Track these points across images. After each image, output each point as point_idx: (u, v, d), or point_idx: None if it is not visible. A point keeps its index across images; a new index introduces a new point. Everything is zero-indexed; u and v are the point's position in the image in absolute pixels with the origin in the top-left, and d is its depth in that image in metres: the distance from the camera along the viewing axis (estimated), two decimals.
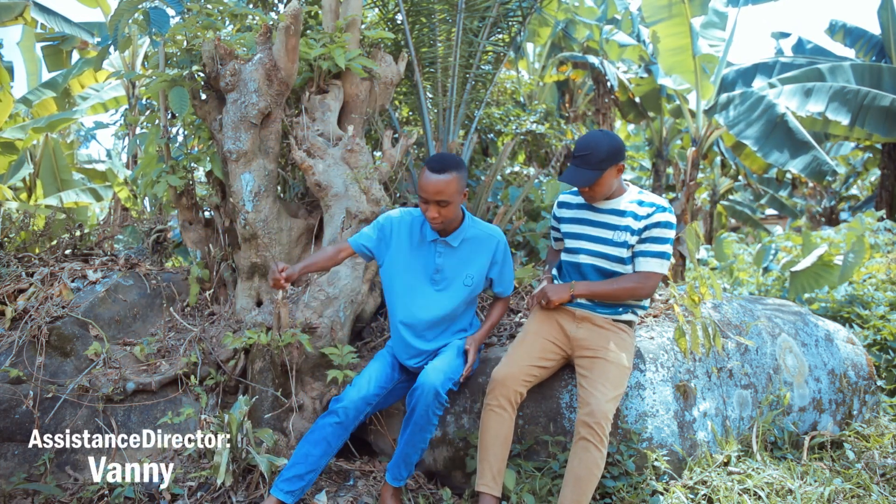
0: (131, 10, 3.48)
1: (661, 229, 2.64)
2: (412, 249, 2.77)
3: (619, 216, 2.71)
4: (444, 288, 2.77)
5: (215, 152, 3.56)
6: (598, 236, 2.74)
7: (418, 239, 2.78)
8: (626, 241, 2.67)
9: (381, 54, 3.82)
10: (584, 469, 2.40)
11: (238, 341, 3.10)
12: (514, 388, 2.63)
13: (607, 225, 2.72)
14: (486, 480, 2.57)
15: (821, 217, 20.33)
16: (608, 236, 2.71)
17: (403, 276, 2.77)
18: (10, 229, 4.37)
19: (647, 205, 2.68)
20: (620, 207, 2.71)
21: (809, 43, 11.50)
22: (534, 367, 2.70)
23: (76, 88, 9.21)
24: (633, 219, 2.67)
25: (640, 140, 16.15)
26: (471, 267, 2.76)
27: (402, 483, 2.67)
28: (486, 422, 2.62)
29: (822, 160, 7.74)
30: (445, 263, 2.75)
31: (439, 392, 2.56)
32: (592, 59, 10.51)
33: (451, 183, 2.56)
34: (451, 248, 2.75)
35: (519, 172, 7.41)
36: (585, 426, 2.43)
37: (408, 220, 2.80)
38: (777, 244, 7.37)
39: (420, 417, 2.57)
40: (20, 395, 2.91)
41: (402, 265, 2.77)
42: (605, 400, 2.46)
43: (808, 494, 2.67)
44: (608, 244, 2.72)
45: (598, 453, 2.41)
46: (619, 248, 2.69)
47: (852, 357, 3.62)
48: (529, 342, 2.76)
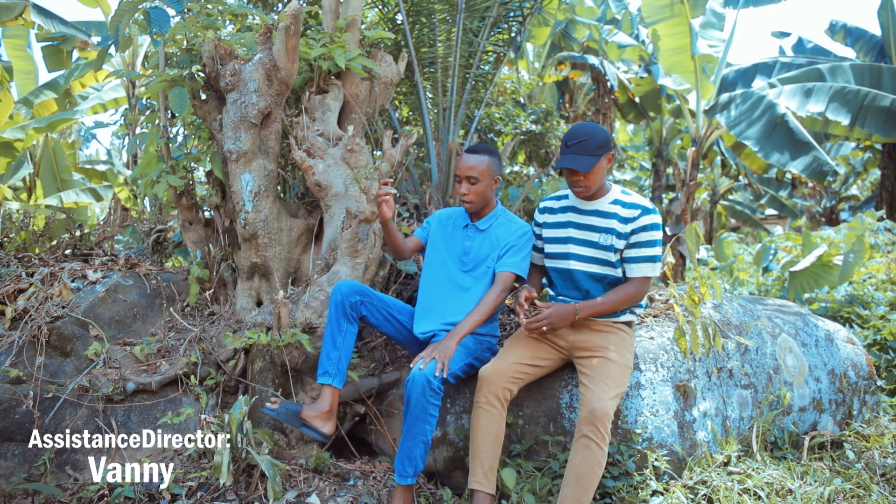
0: (132, 10, 3.48)
1: (649, 233, 2.65)
2: (446, 233, 3.07)
3: (603, 217, 2.71)
4: (470, 269, 2.96)
5: (215, 152, 3.56)
6: (585, 240, 2.74)
7: (453, 226, 3.08)
8: (613, 244, 2.68)
9: (381, 54, 3.82)
10: (585, 467, 2.40)
11: (238, 341, 3.10)
12: (502, 384, 2.62)
13: (592, 227, 2.73)
14: (478, 478, 2.57)
15: (821, 217, 20.33)
16: (595, 239, 2.72)
17: (435, 254, 3.06)
18: (10, 229, 4.37)
19: (630, 206, 2.68)
20: (604, 209, 2.72)
21: (809, 43, 11.50)
22: (524, 366, 2.69)
23: (76, 88, 9.21)
24: (617, 221, 2.68)
25: (640, 140, 16.15)
26: (495, 251, 2.93)
27: (408, 480, 2.63)
28: (476, 419, 2.62)
29: (823, 160, 7.75)
30: (472, 246, 2.97)
31: (430, 379, 2.57)
32: (592, 59, 10.52)
33: (482, 162, 2.87)
34: (480, 231, 2.98)
35: (519, 172, 7.42)
36: (587, 424, 2.42)
37: (448, 212, 3.15)
38: (777, 244, 7.37)
39: (415, 406, 2.58)
40: (20, 395, 2.91)
41: (436, 246, 3.07)
42: (607, 398, 2.46)
43: (808, 494, 2.67)
44: (596, 247, 2.72)
45: (599, 451, 2.40)
46: (606, 252, 2.70)
47: (852, 357, 3.62)
48: (523, 341, 2.77)
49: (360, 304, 2.88)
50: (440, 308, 2.93)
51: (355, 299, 2.86)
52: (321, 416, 2.76)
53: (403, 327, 3.00)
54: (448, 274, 2.98)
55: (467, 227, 3.01)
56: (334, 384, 2.79)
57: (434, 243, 3.08)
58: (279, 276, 3.47)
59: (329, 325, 2.85)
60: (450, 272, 2.98)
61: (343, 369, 2.81)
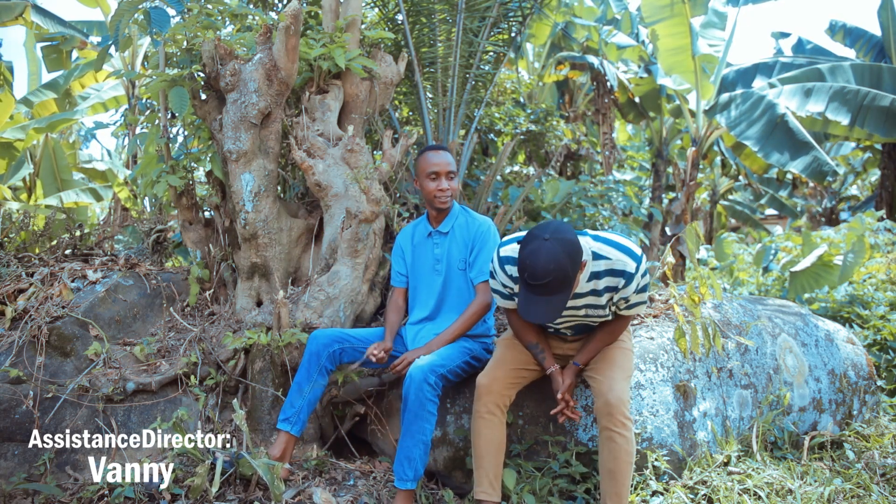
0: (132, 10, 3.48)
1: (639, 294, 2.44)
2: (417, 249, 3.10)
3: (593, 296, 2.45)
4: (445, 275, 3.00)
5: (215, 152, 3.56)
6: (569, 325, 2.64)
7: (418, 240, 3.10)
8: (608, 311, 2.51)
9: (381, 54, 3.82)
10: (613, 460, 2.38)
11: (238, 341, 3.10)
12: (502, 392, 2.60)
13: (578, 308, 2.50)
14: (483, 487, 2.55)
15: (821, 217, 20.32)
16: (578, 320, 2.57)
17: (414, 274, 3.10)
18: (10, 229, 4.37)
19: (612, 273, 2.37)
20: (582, 291, 2.42)
21: (809, 43, 11.50)
22: (521, 371, 2.67)
23: (76, 88, 9.21)
24: (608, 292, 2.42)
25: (640, 140, 16.14)
26: (463, 251, 2.98)
27: (408, 485, 2.60)
28: (478, 429, 2.59)
29: (823, 160, 7.75)
30: (442, 252, 3.01)
31: (427, 376, 2.58)
32: (592, 59, 10.51)
33: (451, 158, 2.98)
34: (444, 235, 3.01)
35: (519, 172, 7.42)
36: (604, 417, 2.40)
37: (407, 231, 3.16)
38: (777, 244, 7.36)
39: (413, 404, 2.58)
40: (20, 395, 2.91)
41: (412, 266, 3.11)
42: (618, 385, 2.44)
43: (808, 494, 2.67)
44: (582, 327, 2.65)
45: (623, 440, 2.37)
46: (595, 320, 2.57)
47: (852, 357, 3.62)
48: (517, 346, 2.73)
49: (341, 353, 2.88)
50: (429, 323, 3.01)
51: (334, 348, 2.86)
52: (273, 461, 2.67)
53: (390, 355, 2.97)
54: (429, 287, 3.03)
55: (431, 234, 3.04)
56: (292, 432, 2.80)
57: (410, 262, 3.11)
58: (279, 276, 3.47)
59: (300, 371, 2.85)
60: (428, 283, 3.03)
61: (303, 419, 2.82)
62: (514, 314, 2.62)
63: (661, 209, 11.06)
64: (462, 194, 4.66)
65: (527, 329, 2.64)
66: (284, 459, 2.77)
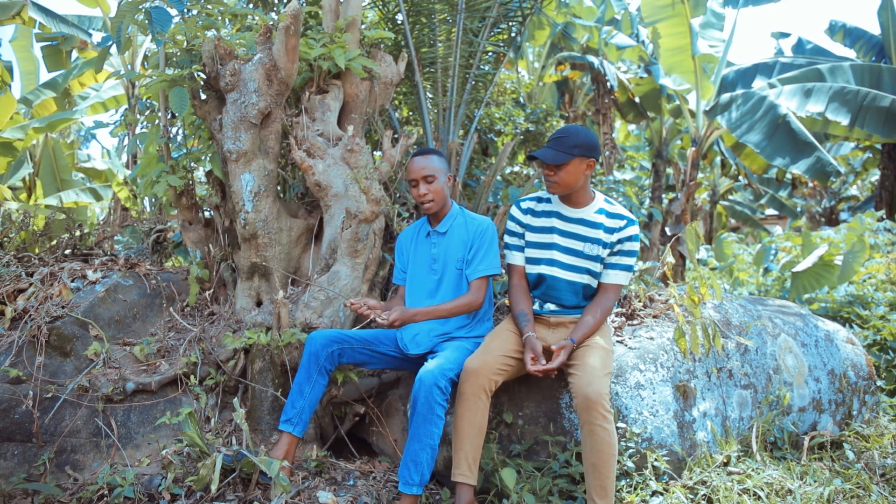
0: (133, 11, 3.48)
1: (632, 243, 2.75)
2: (415, 248, 3.11)
3: (589, 227, 2.77)
4: (441, 275, 2.99)
5: (215, 152, 3.56)
6: (570, 248, 2.78)
7: (418, 239, 3.11)
8: (599, 254, 2.75)
9: (381, 54, 3.82)
10: (596, 453, 2.40)
11: (238, 341, 3.10)
12: (490, 376, 2.63)
13: (577, 236, 2.77)
14: (462, 470, 2.57)
15: (821, 217, 20.33)
16: (579, 248, 2.77)
17: (411, 271, 3.10)
18: (10, 229, 4.37)
19: (616, 216, 2.76)
20: (590, 218, 2.78)
21: (809, 43, 11.49)
22: (508, 358, 2.70)
23: (76, 88, 9.20)
24: (604, 231, 2.74)
25: (640, 140, 16.14)
26: (460, 251, 2.97)
27: (413, 489, 2.57)
28: (462, 411, 2.61)
29: (826, 161, 7.75)
30: (439, 252, 3.00)
31: (437, 380, 2.58)
32: (592, 59, 10.51)
33: (431, 161, 2.92)
34: (442, 235, 3.01)
35: (519, 172, 7.42)
36: (584, 411, 2.43)
37: (409, 229, 3.18)
38: (777, 244, 7.36)
39: (422, 407, 2.58)
40: (20, 395, 2.91)
41: (410, 263, 3.11)
42: (597, 380, 2.46)
43: (808, 494, 2.67)
44: (582, 257, 2.76)
45: (604, 431, 2.40)
46: (592, 262, 2.76)
47: (852, 357, 3.62)
48: (504, 336, 2.79)
49: (340, 354, 2.87)
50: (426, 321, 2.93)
51: (333, 349, 2.85)
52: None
53: (387, 355, 3.00)
54: (424, 285, 3.03)
55: (429, 234, 3.05)
56: (294, 433, 2.79)
57: (408, 259, 3.13)
58: (279, 276, 3.47)
59: (300, 372, 2.84)
60: (425, 283, 3.02)
61: (305, 419, 2.81)
62: (517, 274, 2.91)
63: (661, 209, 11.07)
64: (462, 194, 4.66)
65: (522, 296, 2.86)
66: (287, 460, 2.77)
